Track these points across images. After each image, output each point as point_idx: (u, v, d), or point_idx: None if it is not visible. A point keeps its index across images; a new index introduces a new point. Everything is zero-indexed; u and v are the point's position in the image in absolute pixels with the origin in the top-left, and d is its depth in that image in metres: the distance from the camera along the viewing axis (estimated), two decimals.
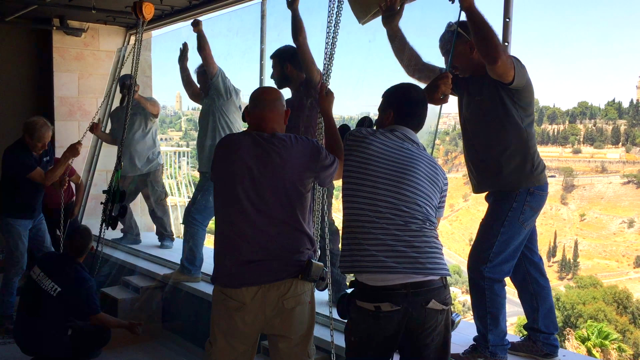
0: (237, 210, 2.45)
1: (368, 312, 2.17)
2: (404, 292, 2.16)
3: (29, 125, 4.55)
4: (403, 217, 2.24)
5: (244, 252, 2.44)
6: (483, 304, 2.94)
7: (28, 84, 6.66)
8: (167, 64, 6.26)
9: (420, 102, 2.53)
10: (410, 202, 2.26)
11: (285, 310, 2.43)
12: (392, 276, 2.16)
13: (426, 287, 2.19)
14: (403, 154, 2.35)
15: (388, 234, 2.21)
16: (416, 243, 2.22)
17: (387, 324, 2.16)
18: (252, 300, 2.42)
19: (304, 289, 2.48)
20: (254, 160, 2.42)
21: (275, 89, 2.71)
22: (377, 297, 2.17)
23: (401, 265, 2.17)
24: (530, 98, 2.90)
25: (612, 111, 72.94)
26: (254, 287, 2.42)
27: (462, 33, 2.86)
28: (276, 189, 2.42)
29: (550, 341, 3.06)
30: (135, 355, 4.39)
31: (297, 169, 2.43)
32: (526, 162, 2.89)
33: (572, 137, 72.00)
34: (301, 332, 2.51)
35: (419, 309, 2.19)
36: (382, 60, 3.41)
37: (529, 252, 3.07)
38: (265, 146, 2.44)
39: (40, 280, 3.85)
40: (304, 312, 2.49)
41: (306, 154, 2.45)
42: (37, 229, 4.85)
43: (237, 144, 2.50)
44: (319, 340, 3.27)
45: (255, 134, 2.50)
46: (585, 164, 69.44)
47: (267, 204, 2.41)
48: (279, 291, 2.42)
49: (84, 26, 6.56)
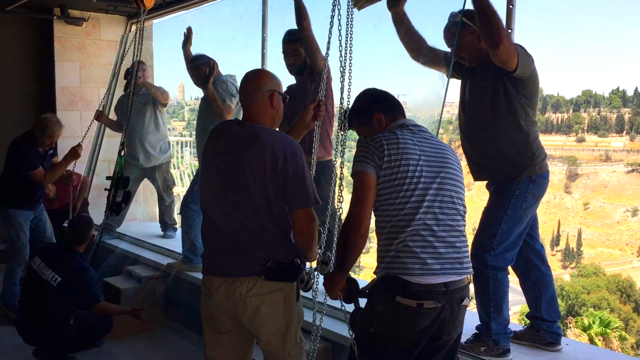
0: (209, 197, 2.46)
1: (407, 308, 2.16)
2: (444, 290, 2.18)
3: (42, 122, 4.57)
4: (450, 216, 2.23)
5: (213, 240, 2.44)
6: (486, 293, 2.94)
7: (29, 74, 6.63)
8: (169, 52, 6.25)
9: (388, 92, 2.49)
10: (454, 197, 2.25)
11: (248, 310, 2.36)
12: (434, 277, 2.17)
13: (461, 285, 2.23)
14: (433, 147, 2.30)
15: (435, 235, 2.19)
16: (457, 244, 2.23)
17: (424, 319, 2.17)
18: (217, 291, 2.40)
19: (273, 289, 2.36)
20: (227, 149, 2.40)
21: (255, 75, 2.56)
22: (421, 294, 2.16)
23: (443, 266, 2.18)
24: (535, 89, 2.89)
25: (617, 99, 72.61)
26: (219, 277, 2.40)
27: (468, 22, 2.83)
28: (245, 182, 2.32)
29: (553, 329, 3.06)
30: (139, 344, 4.41)
31: (263, 166, 2.31)
32: (527, 150, 2.88)
33: (576, 126, 71.76)
34: (273, 332, 2.42)
35: (454, 306, 2.22)
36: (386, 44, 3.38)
37: (531, 239, 3.07)
38: (239, 137, 2.39)
39: (41, 270, 3.86)
40: (274, 312, 2.38)
41: (274, 156, 2.30)
42: (38, 220, 4.86)
43: (217, 132, 2.53)
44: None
45: (235, 122, 2.48)
46: (589, 153, 69.26)
47: (236, 196, 2.35)
48: (242, 288, 2.35)
49: (85, 15, 6.53)
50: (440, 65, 3.14)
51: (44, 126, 4.53)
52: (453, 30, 2.95)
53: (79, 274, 3.86)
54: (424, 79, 3.32)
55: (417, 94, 2.52)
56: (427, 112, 3.58)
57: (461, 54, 2.96)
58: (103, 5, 6.22)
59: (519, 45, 2.75)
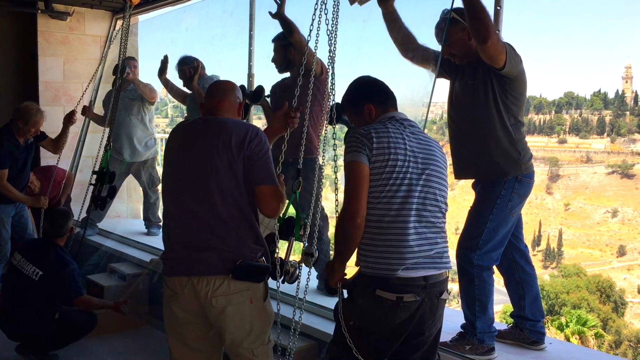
0: (176, 191, 2.45)
1: (387, 301, 2.18)
2: (423, 284, 2.20)
3: (23, 111, 4.51)
4: (433, 213, 2.25)
5: (179, 237, 2.40)
6: (472, 292, 2.95)
7: (12, 68, 6.52)
8: (154, 49, 6.22)
9: (382, 82, 2.48)
10: (437, 195, 2.26)
11: (214, 309, 2.33)
12: (414, 271, 2.19)
13: (440, 280, 2.25)
14: (421, 142, 2.30)
15: (416, 231, 2.20)
16: (438, 239, 2.26)
17: (402, 312, 2.19)
18: (183, 291, 2.36)
19: (239, 289, 2.34)
20: (193, 140, 2.42)
21: (229, 82, 2.66)
22: (400, 288, 2.18)
23: (423, 261, 2.20)
24: (523, 89, 2.91)
25: (598, 101, 73.54)
26: (184, 277, 2.35)
27: (458, 18, 2.85)
28: (214, 166, 2.33)
29: (537, 328, 3.09)
30: (123, 342, 4.36)
31: (229, 148, 2.33)
32: (513, 150, 2.90)
33: (557, 127, 72.58)
34: (239, 334, 2.38)
35: (433, 299, 2.24)
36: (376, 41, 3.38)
37: (515, 239, 3.09)
38: (204, 127, 2.43)
39: (21, 265, 3.81)
40: (240, 312, 2.35)
41: (240, 132, 2.36)
42: (19, 216, 4.80)
43: (180, 129, 2.55)
44: (306, 328, 3.28)
45: (197, 118, 2.52)
46: (571, 154, 70.07)
47: (205, 183, 2.34)
48: (208, 287, 2.31)
49: (69, 10, 6.44)
50: (429, 63, 3.15)
51: (27, 115, 4.48)
52: (442, 25, 2.98)
53: (59, 267, 3.81)
54: (411, 77, 3.33)
55: (403, 93, 2.51)
56: (413, 111, 3.59)
57: (451, 50, 2.98)
58: (88, 0, 6.15)
59: (507, 44, 2.77)
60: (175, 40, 6.57)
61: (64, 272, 3.81)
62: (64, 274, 3.80)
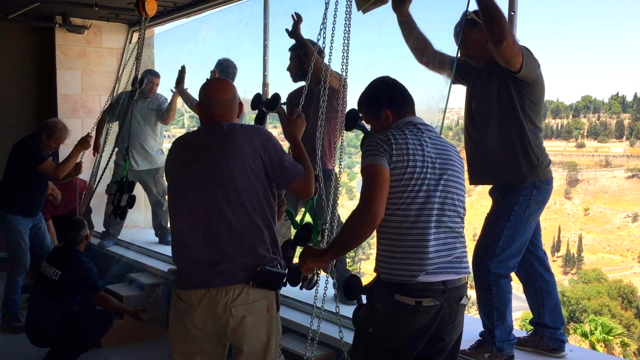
0: (188, 204, 2.38)
1: (406, 306, 2.16)
2: (442, 288, 2.18)
3: (50, 125, 4.61)
4: (451, 218, 2.23)
5: (193, 251, 2.35)
6: (489, 300, 2.93)
7: (31, 81, 6.65)
8: (171, 61, 6.28)
9: (402, 85, 2.44)
10: (455, 200, 2.25)
11: (234, 319, 2.28)
12: (433, 276, 2.18)
13: (459, 284, 2.23)
14: (438, 147, 2.28)
15: (435, 237, 2.19)
16: (456, 244, 2.24)
17: (422, 317, 2.17)
18: (200, 304, 2.30)
19: (258, 297, 2.32)
20: (202, 150, 2.37)
21: (224, 80, 2.61)
22: (419, 293, 2.16)
23: (442, 265, 2.19)
24: (540, 94, 2.89)
25: (616, 105, 72.71)
26: (201, 289, 2.30)
27: (477, 19, 2.83)
28: (229, 175, 2.29)
29: (557, 336, 3.05)
30: (141, 352, 4.39)
31: (242, 156, 2.30)
32: (532, 156, 2.87)
33: (575, 132, 71.84)
34: (256, 345, 2.34)
35: (453, 304, 2.22)
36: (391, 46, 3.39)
37: (534, 247, 3.05)
38: (211, 136, 2.38)
39: (45, 269, 4.01)
40: (258, 322, 2.33)
41: (252, 139, 2.33)
42: (37, 228, 4.85)
43: (183, 141, 2.50)
44: (323, 337, 3.27)
45: (200, 128, 2.48)
46: (589, 158, 69.30)
47: (222, 191, 2.30)
48: (227, 297, 2.28)
49: (86, 23, 6.54)
50: (445, 69, 3.13)
51: (53, 130, 4.57)
52: (460, 28, 2.97)
53: (77, 266, 3.99)
54: (426, 83, 3.32)
55: (419, 98, 2.50)
56: (428, 117, 3.58)
57: (468, 52, 2.96)
58: (104, 14, 6.23)
59: (524, 47, 2.75)
60: (193, 50, 6.65)
61: (82, 269, 3.99)
62: (82, 272, 3.98)
